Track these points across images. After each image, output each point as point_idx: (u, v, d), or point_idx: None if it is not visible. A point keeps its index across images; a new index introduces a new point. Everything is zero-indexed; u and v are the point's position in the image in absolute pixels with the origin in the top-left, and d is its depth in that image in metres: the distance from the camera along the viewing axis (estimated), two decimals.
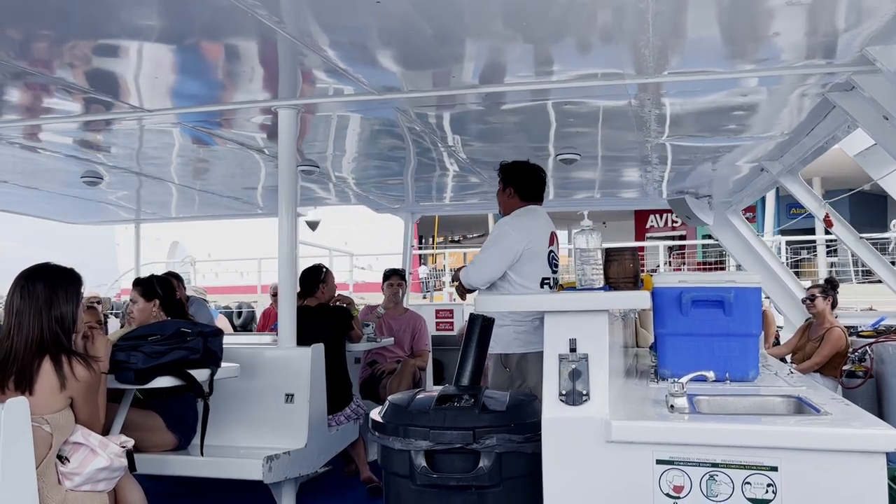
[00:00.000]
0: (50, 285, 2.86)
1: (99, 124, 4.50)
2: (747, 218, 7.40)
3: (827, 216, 5.95)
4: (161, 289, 4.21)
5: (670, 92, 3.80)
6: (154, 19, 2.89)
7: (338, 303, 5.32)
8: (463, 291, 4.18)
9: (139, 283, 4.23)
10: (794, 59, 3.31)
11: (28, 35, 3.10)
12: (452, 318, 7.95)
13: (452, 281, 4.58)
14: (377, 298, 6.77)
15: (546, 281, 3.99)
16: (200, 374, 3.44)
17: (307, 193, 7.10)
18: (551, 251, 4.07)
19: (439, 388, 2.96)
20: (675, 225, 21.07)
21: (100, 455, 2.82)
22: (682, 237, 20.93)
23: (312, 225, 8.16)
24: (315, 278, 5.09)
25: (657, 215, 21.80)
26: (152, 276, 4.35)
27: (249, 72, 3.58)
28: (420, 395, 2.86)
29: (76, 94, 3.85)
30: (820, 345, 5.83)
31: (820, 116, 4.21)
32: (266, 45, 3.19)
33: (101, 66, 3.47)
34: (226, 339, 3.71)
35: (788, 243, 15.55)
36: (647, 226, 22.01)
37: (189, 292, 6.66)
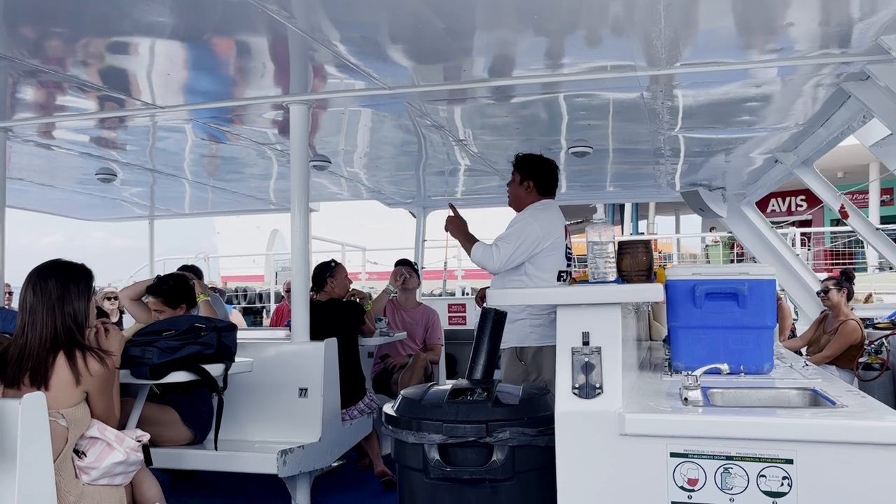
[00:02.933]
0: (62, 281, 2.87)
1: (113, 121, 4.52)
2: (883, 201, 6.87)
3: (843, 207, 5.89)
4: (179, 287, 4.25)
5: (683, 83, 3.77)
6: (166, 16, 2.90)
7: (353, 297, 5.33)
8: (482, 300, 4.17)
9: (160, 294, 4.20)
10: (809, 49, 3.28)
11: (41, 33, 3.12)
12: (465, 311, 7.95)
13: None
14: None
15: (563, 274, 4.02)
16: (215, 369, 3.46)
17: (319, 188, 7.12)
18: (566, 244, 4.08)
19: (452, 381, 2.96)
20: (798, 209, 18.77)
21: (116, 449, 2.85)
22: (808, 223, 17.62)
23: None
24: (323, 273, 5.12)
25: (779, 199, 19.35)
26: (170, 283, 4.32)
27: (261, 68, 3.58)
28: (433, 389, 2.86)
29: (90, 91, 3.87)
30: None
31: (835, 106, 4.17)
32: (277, 41, 3.20)
33: (114, 63, 3.49)
34: (240, 334, 3.73)
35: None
36: (768, 210, 19.31)
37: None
